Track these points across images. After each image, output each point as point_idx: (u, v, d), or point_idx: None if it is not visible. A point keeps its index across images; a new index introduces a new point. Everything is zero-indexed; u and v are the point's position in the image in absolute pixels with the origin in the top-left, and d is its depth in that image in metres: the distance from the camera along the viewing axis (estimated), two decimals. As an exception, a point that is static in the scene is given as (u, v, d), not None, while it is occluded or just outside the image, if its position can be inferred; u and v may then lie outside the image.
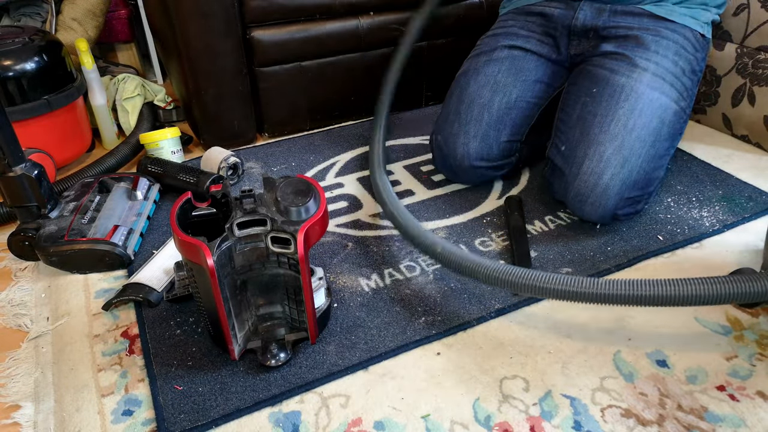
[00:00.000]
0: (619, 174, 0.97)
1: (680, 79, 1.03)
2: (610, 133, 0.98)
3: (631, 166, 0.97)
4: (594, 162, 0.98)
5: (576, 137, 1.02)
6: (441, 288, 0.93)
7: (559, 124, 1.09)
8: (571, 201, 1.02)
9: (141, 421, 0.74)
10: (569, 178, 1.01)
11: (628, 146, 0.97)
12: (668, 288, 0.74)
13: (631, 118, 0.98)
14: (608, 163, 0.97)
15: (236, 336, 0.79)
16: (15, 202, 1.00)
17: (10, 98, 1.18)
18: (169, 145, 1.30)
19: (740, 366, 0.79)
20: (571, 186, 1.01)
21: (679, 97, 1.03)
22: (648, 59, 1.02)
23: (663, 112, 1.00)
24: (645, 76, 1.01)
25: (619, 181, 0.97)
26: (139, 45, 1.83)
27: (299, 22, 1.33)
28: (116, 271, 1.00)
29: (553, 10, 1.15)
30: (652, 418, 0.72)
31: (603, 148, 0.98)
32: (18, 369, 0.83)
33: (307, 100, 1.43)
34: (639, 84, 1.00)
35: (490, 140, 1.12)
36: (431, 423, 0.73)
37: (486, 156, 1.13)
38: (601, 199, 0.98)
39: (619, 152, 0.97)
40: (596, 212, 1.00)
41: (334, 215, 1.13)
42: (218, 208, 0.78)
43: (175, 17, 1.21)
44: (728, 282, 0.73)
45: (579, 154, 1.00)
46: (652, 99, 0.99)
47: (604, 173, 0.97)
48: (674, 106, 1.01)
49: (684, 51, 1.05)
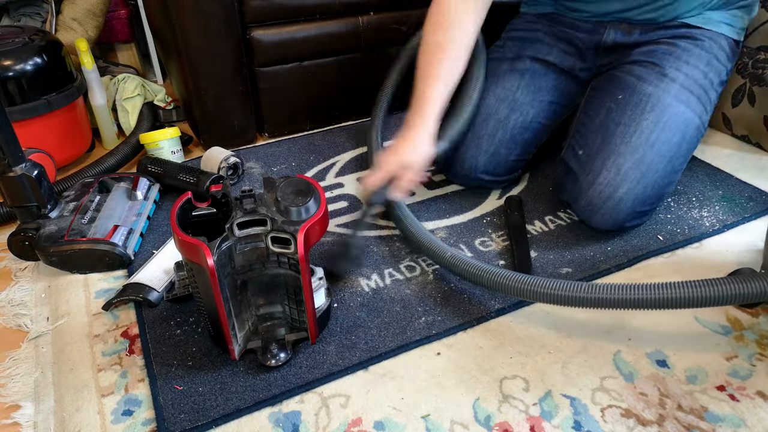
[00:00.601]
0: (635, 189, 0.95)
1: (707, 93, 1.01)
2: (631, 145, 0.95)
3: (647, 182, 0.95)
4: (611, 174, 0.96)
5: (596, 144, 0.99)
6: (441, 288, 0.93)
7: (579, 126, 1.06)
8: (582, 208, 1.01)
9: (141, 421, 0.74)
10: (583, 185, 0.99)
11: (647, 161, 0.94)
12: (667, 291, 0.74)
13: (654, 132, 0.95)
14: (626, 177, 0.95)
15: (236, 336, 0.79)
16: (15, 202, 1.00)
17: (10, 98, 1.18)
18: (169, 145, 1.30)
19: (740, 366, 0.79)
20: (584, 194, 0.99)
21: (703, 111, 1.00)
22: (678, 69, 0.99)
23: (686, 127, 0.97)
24: (673, 87, 0.98)
25: (633, 196, 0.95)
26: (139, 45, 1.83)
27: (299, 22, 1.33)
28: (116, 271, 1.00)
29: (577, 34, 1.12)
30: (652, 418, 0.72)
31: (622, 160, 0.95)
32: (18, 369, 0.83)
33: (307, 100, 1.43)
34: (666, 95, 0.97)
35: (500, 158, 1.11)
36: (431, 423, 0.73)
37: (492, 171, 1.13)
38: (612, 213, 0.97)
39: (638, 167, 0.94)
40: (606, 223, 0.99)
41: (334, 215, 1.13)
42: (218, 208, 0.78)
43: (175, 17, 1.21)
44: (728, 283, 0.73)
45: (597, 163, 0.97)
46: (677, 112, 0.96)
47: (620, 187, 0.95)
48: (697, 121, 0.98)
49: (716, 61, 1.02)
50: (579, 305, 0.78)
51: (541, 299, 0.80)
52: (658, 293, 0.74)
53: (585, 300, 0.77)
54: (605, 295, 0.76)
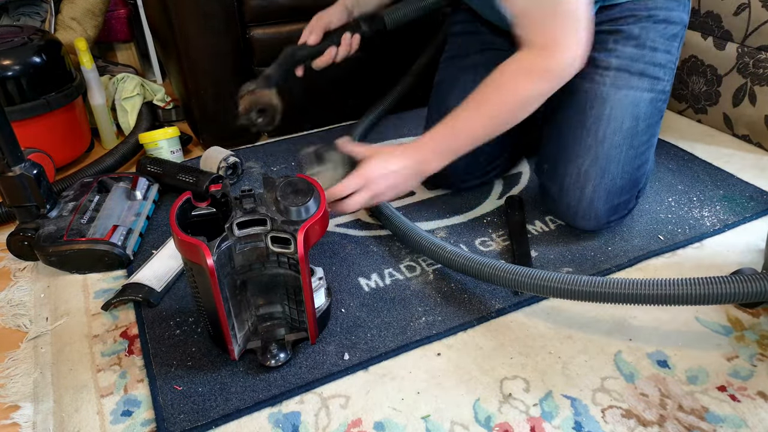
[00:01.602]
0: (601, 184, 0.95)
1: (651, 61, 0.96)
2: (584, 146, 0.95)
3: (612, 175, 0.95)
4: (573, 177, 0.97)
5: (555, 154, 1.00)
6: (441, 288, 0.93)
7: (543, 140, 1.07)
8: (563, 216, 1.03)
9: (140, 421, 0.74)
10: (555, 196, 1.01)
11: (603, 156, 0.94)
12: (670, 287, 0.74)
13: (601, 127, 0.94)
14: (587, 175, 0.95)
15: (236, 336, 0.79)
16: (14, 201, 0.99)
17: (9, 98, 1.18)
18: (168, 144, 1.30)
19: (741, 366, 0.79)
20: (558, 203, 1.01)
21: (653, 82, 0.96)
22: (609, 52, 0.95)
23: (635, 108, 0.95)
24: (607, 75, 0.95)
25: (603, 191, 0.96)
26: (138, 44, 1.83)
27: (299, 22, 1.33)
28: (115, 271, 1.00)
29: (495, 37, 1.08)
30: (652, 419, 0.72)
31: (581, 161, 0.96)
32: (17, 369, 0.83)
33: (307, 100, 1.43)
34: (602, 87, 0.95)
35: (474, 156, 1.00)
36: (431, 424, 0.72)
37: (472, 171, 1.12)
38: (589, 212, 0.97)
39: (596, 163, 0.95)
40: (589, 224, 1.00)
41: (333, 215, 1.13)
42: (218, 208, 0.78)
43: (175, 17, 1.21)
44: (729, 282, 0.73)
45: (559, 172, 0.99)
46: (619, 99, 0.94)
47: (586, 186, 0.96)
48: (647, 96, 0.96)
49: (649, 21, 0.95)
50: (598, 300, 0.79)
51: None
52: (660, 290, 0.75)
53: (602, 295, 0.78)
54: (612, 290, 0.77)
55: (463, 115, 0.89)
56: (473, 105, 0.88)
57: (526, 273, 0.81)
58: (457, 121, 0.89)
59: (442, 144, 0.91)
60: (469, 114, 0.89)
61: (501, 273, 0.83)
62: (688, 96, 1.44)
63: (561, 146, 0.99)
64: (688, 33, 1.39)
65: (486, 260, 0.85)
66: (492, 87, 0.87)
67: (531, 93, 0.86)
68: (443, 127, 0.90)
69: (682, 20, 0.99)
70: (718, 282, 0.73)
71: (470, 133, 0.90)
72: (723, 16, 1.30)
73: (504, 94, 0.87)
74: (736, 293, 0.73)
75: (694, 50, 1.39)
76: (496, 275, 0.83)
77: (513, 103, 0.87)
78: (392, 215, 1.01)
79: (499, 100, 0.87)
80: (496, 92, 0.87)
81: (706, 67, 1.37)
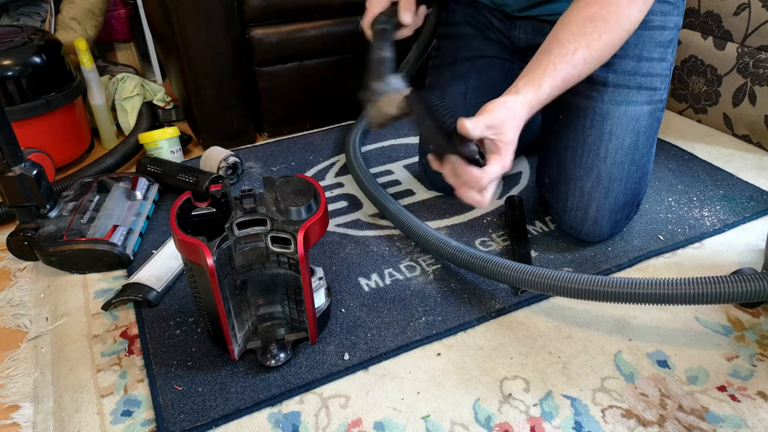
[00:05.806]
0: (605, 204, 0.95)
1: (648, 72, 0.94)
2: (584, 167, 0.94)
3: (615, 193, 0.94)
4: (577, 198, 0.96)
5: (555, 172, 0.99)
6: (441, 288, 0.93)
7: (541, 152, 1.06)
8: (567, 230, 1.02)
9: (140, 421, 0.74)
10: (559, 212, 1.01)
11: (606, 176, 0.93)
12: (670, 287, 0.74)
13: (602, 145, 0.93)
14: (591, 196, 0.95)
15: (236, 336, 0.79)
16: (14, 201, 0.99)
17: (9, 98, 1.18)
18: (168, 144, 1.30)
19: (741, 366, 0.79)
20: (561, 219, 1.01)
21: (650, 93, 0.95)
22: (606, 67, 0.87)
23: (635, 123, 0.93)
24: (606, 91, 0.93)
25: (606, 210, 0.95)
26: (138, 44, 1.83)
27: (299, 21, 1.33)
28: (115, 271, 1.00)
29: (493, 20, 1.07)
30: (652, 419, 0.72)
31: (582, 182, 0.95)
32: (17, 369, 0.83)
33: (306, 100, 1.43)
34: (600, 103, 0.93)
35: None
36: (431, 424, 0.72)
37: None
38: (593, 229, 0.98)
39: (599, 183, 0.94)
40: (593, 238, 1.00)
41: (334, 215, 1.13)
42: (218, 208, 0.78)
43: (175, 17, 1.21)
44: (729, 282, 0.73)
45: (561, 191, 0.98)
46: (618, 115, 0.93)
47: (590, 207, 0.95)
48: (646, 108, 0.94)
49: (645, 29, 0.90)
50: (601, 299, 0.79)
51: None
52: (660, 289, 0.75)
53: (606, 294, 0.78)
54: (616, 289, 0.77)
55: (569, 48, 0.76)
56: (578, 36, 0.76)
57: (535, 272, 0.81)
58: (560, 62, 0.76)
59: (552, 84, 0.76)
60: (576, 46, 0.76)
61: (524, 275, 0.82)
62: (688, 96, 1.44)
63: (561, 166, 0.98)
64: (688, 33, 1.39)
65: (496, 259, 0.86)
66: (595, 19, 0.76)
67: (633, 13, 0.77)
68: (548, 64, 0.76)
69: (677, 24, 0.98)
70: (718, 282, 0.73)
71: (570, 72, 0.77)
72: (723, 16, 1.30)
73: (610, 21, 0.76)
74: (736, 293, 0.73)
75: (694, 50, 1.39)
76: (503, 273, 0.84)
77: (621, 30, 0.77)
78: (399, 211, 1.02)
79: (604, 29, 0.76)
80: (603, 22, 0.76)
81: (706, 67, 1.37)
